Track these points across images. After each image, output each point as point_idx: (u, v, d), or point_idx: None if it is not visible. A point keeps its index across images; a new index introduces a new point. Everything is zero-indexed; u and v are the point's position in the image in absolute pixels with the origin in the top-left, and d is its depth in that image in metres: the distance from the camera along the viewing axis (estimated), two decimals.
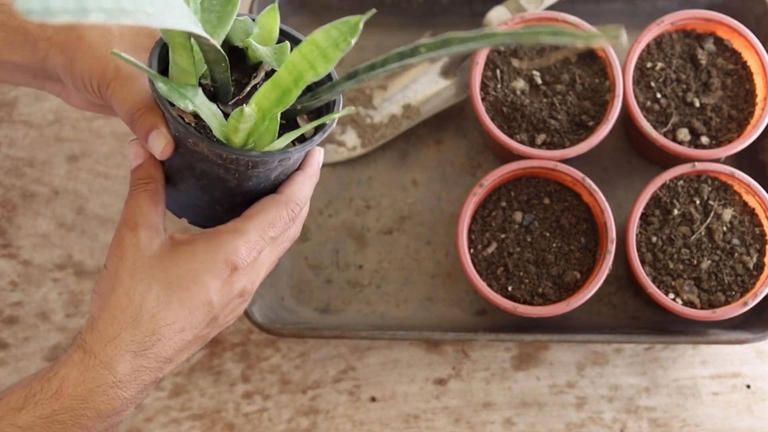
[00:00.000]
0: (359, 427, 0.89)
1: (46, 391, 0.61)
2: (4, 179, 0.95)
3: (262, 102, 0.58)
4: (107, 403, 0.61)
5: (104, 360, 0.61)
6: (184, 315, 0.62)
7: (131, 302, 0.62)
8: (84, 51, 0.67)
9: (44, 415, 0.60)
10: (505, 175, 0.85)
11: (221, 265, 0.63)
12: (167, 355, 0.62)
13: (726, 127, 0.88)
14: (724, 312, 0.83)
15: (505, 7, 0.92)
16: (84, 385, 0.61)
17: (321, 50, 0.60)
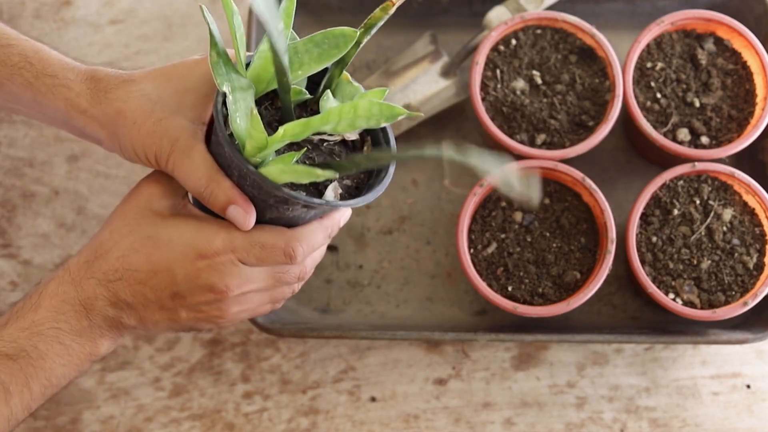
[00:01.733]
0: (359, 427, 0.89)
1: (28, 305, 0.67)
2: (4, 179, 0.95)
3: (288, 130, 0.61)
4: (77, 320, 0.66)
5: (74, 277, 0.67)
6: (146, 269, 0.66)
7: (111, 238, 0.67)
8: (129, 127, 0.68)
9: (24, 326, 0.65)
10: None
11: (191, 246, 0.65)
12: (125, 297, 0.66)
13: (726, 127, 0.88)
14: (724, 312, 0.83)
15: (504, 7, 0.92)
16: (57, 297, 0.66)
17: (355, 115, 0.63)
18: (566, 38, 0.90)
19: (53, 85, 0.70)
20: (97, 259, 0.67)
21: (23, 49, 0.71)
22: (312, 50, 0.66)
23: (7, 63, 0.71)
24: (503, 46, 0.89)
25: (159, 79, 0.69)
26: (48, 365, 0.65)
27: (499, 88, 0.88)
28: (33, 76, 0.70)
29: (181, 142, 0.67)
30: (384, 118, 0.63)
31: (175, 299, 0.67)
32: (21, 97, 0.72)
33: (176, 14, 1.00)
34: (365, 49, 0.97)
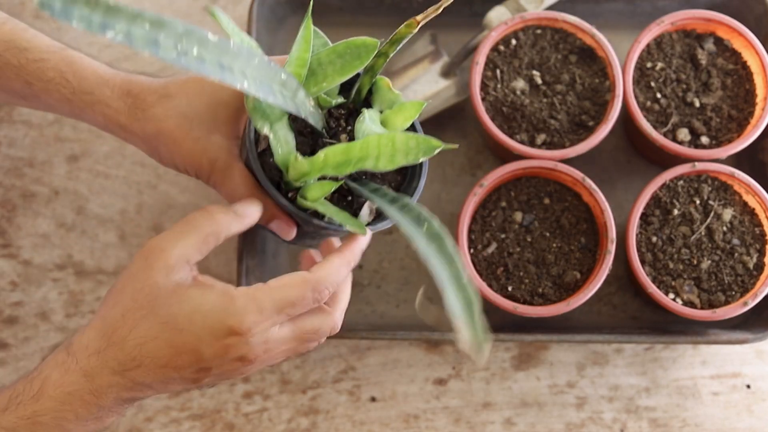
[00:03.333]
0: (359, 427, 0.89)
1: (28, 392, 0.62)
2: (4, 179, 0.95)
3: (329, 157, 0.62)
4: (85, 408, 0.62)
5: (85, 368, 0.62)
6: (168, 353, 0.62)
7: (124, 324, 0.62)
8: (169, 146, 0.70)
9: (26, 415, 0.62)
10: (505, 175, 0.85)
11: (222, 324, 0.62)
12: (146, 381, 0.62)
13: (726, 127, 0.88)
14: (724, 312, 0.83)
15: (504, 7, 0.92)
16: (63, 388, 0.62)
17: (393, 149, 0.63)
18: (566, 38, 0.90)
19: (91, 102, 0.71)
20: (109, 347, 0.62)
21: (56, 63, 0.72)
22: (335, 61, 0.67)
23: (42, 78, 0.72)
24: (503, 46, 0.89)
25: (192, 93, 0.70)
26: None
27: (499, 88, 0.88)
28: (70, 92, 0.71)
29: (220, 162, 0.68)
30: (422, 153, 0.63)
31: (200, 372, 0.63)
32: (59, 109, 0.74)
33: (176, 14, 1.00)
34: None
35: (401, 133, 0.64)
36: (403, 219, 0.61)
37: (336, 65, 0.67)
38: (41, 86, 0.72)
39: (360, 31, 0.98)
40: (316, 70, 0.67)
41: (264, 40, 0.93)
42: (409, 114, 0.68)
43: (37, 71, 0.72)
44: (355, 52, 0.67)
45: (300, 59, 0.66)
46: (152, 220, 0.94)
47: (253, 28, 0.91)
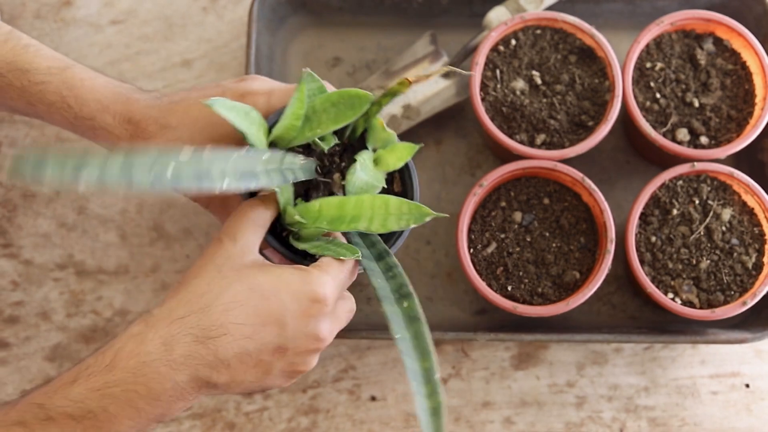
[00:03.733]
0: (359, 426, 0.89)
1: (99, 364, 0.60)
2: (5, 179, 0.95)
3: (324, 210, 0.67)
4: (158, 382, 0.60)
5: (164, 336, 0.61)
6: (254, 322, 0.62)
7: (209, 291, 0.62)
8: None
9: (95, 387, 0.60)
10: (505, 175, 0.86)
11: (304, 292, 0.64)
12: (226, 355, 0.62)
13: (725, 127, 0.88)
14: (723, 311, 0.83)
15: (504, 8, 0.92)
16: (138, 358, 0.60)
17: (387, 213, 0.67)
18: (566, 38, 0.90)
19: (93, 127, 0.72)
20: (193, 313, 0.62)
21: (57, 86, 0.72)
22: (329, 110, 0.69)
23: (44, 101, 0.72)
24: (503, 47, 0.90)
25: (193, 126, 0.71)
26: (114, 427, 0.60)
27: (499, 88, 0.88)
28: (72, 117, 0.72)
29: (218, 196, 0.70)
30: (413, 219, 0.67)
31: (275, 353, 0.64)
32: (63, 129, 0.75)
33: (176, 14, 1.00)
34: (365, 49, 0.98)
35: (394, 197, 0.67)
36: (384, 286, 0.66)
37: (330, 114, 0.69)
38: (44, 109, 0.73)
39: (360, 31, 0.99)
40: (311, 117, 0.69)
41: (264, 40, 0.93)
42: (401, 155, 0.71)
43: (38, 94, 0.72)
44: (349, 102, 0.69)
45: (295, 114, 0.68)
46: (153, 219, 0.94)
47: (254, 28, 0.91)
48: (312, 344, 0.65)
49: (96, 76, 0.74)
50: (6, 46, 0.73)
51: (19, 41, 0.74)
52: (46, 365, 0.90)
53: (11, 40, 0.73)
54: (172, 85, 0.97)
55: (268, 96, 0.72)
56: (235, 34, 0.99)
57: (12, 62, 0.72)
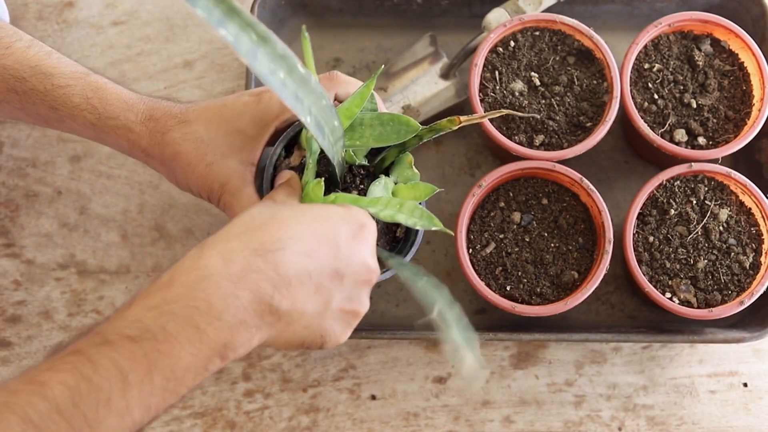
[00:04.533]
0: (359, 425, 0.89)
1: (157, 284, 0.58)
2: (8, 179, 0.95)
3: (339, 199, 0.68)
4: (220, 297, 0.57)
5: (222, 250, 0.58)
6: (310, 239, 0.61)
7: (261, 214, 0.61)
8: (184, 168, 0.73)
9: (153, 305, 0.56)
10: (504, 175, 0.86)
11: (353, 218, 0.64)
12: (286, 271, 0.59)
13: (723, 127, 0.89)
14: (721, 311, 0.83)
15: (503, 9, 0.92)
16: (196, 272, 0.57)
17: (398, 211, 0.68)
18: (564, 40, 0.90)
19: (116, 126, 0.74)
20: (250, 231, 0.60)
21: (82, 88, 0.74)
22: (375, 127, 0.71)
23: (67, 104, 0.74)
24: (502, 48, 0.90)
25: (210, 120, 0.73)
26: (176, 351, 0.55)
27: (498, 89, 0.89)
28: (95, 117, 0.74)
29: (230, 186, 0.72)
30: (421, 223, 0.68)
31: (334, 279, 0.62)
32: (82, 133, 0.76)
33: (178, 15, 1.00)
34: (365, 50, 0.98)
35: (411, 201, 0.68)
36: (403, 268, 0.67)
37: (375, 131, 0.71)
38: (66, 112, 0.74)
39: (360, 33, 0.99)
40: (357, 128, 0.71)
41: None
42: (420, 194, 0.72)
43: (63, 97, 0.73)
44: (396, 127, 0.70)
45: (349, 111, 0.70)
46: (154, 219, 0.94)
47: None
48: (365, 273, 0.64)
49: (118, 84, 0.76)
50: (29, 51, 0.74)
51: (41, 48, 0.75)
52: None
53: (34, 47, 0.75)
54: (174, 85, 0.98)
55: None
56: None
57: (35, 66, 0.74)
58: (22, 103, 0.75)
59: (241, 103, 0.74)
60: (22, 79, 0.74)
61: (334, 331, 0.65)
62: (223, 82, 0.98)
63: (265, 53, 0.54)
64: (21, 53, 0.74)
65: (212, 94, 0.97)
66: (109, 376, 0.54)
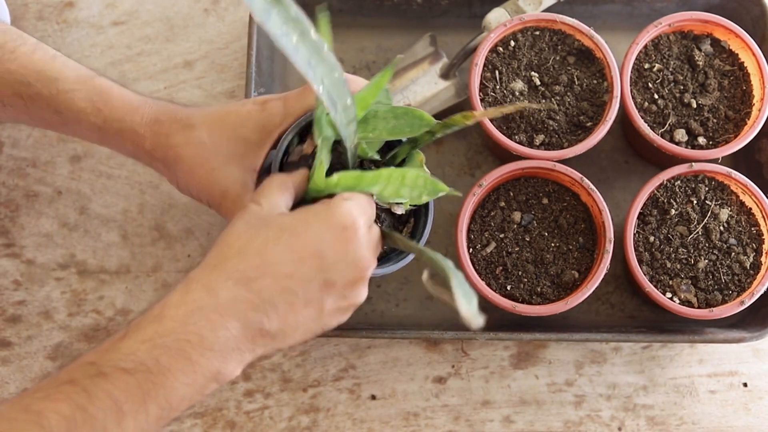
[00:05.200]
0: (359, 425, 0.89)
1: (148, 317, 0.59)
2: (8, 179, 0.95)
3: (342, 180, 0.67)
4: (210, 329, 0.59)
5: (206, 283, 0.60)
6: (291, 259, 0.61)
7: (239, 239, 0.62)
8: (186, 172, 0.73)
9: (145, 338, 0.58)
10: (504, 175, 0.86)
11: (334, 222, 0.63)
12: (271, 296, 0.60)
13: (723, 127, 0.89)
14: (721, 311, 0.83)
15: (503, 9, 0.92)
16: (185, 306, 0.59)
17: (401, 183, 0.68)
18: (564, 39, 0.90)
19: (121, 129, 0.74)
20: (229, 259, 0.61)
21: (87, 92, 0.73)
22: (389, 119, 0.70)
23: (72, 108, 0.74)
24: (502, 48, 0.90)
25: (214, 126, 0.72)
26: (169, 382, 0.58)
27: (498, 89, 0.89)
28: (101, 121, 0.74)
29: (231, 193, 0.72)
30: (426, 192, 0.68)
31: (324, 289, 0.63)
32: (87, 137, 0.76)
33: (178, 16, 1.00)
34: (365, 50, 0.98)
35: (413, 170, 0.68)
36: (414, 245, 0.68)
37: (388, 124, 0.70)
38: (72, 116, 0.74)
39: (359, 33, 0.99)
40: (370, 120, 0.70)
41: (265, 41, 0.93)
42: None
43: (68, 101, 0.73)
44: (410, 120, 0.70)
45: (363, 101, 0.69)
46: (154, 219, 0.94)
47: (255, 29, 0.91)
48: (357, 272, 0.64)
49: (123, 86, 0.75)
50: (34, 55, 0.74)
51: (46, 52, 0.75)
52: (48, 364, 0.90)
53: (38, 50, 0.75)
54: (174, 86, 0.98)
55: (283, 100, 0.73)
56: (236, 35, 0.99)
57: (41, 71, 0.73)
58: (28, 108, 0.75)
59: (245, 110, 0.73)
60: (27, 84, 0.73)
61: (333, 323, 0.66)
62: (223, 82, 0.98)
63: (278, 14, 0.54)
64: (26, 57, 0.74)
65: (212, 94, 0.97)
66: (104, 406, 0.55)
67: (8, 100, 0.75)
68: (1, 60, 0.73)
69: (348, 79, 0.73)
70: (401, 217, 0.75)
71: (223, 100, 0.97)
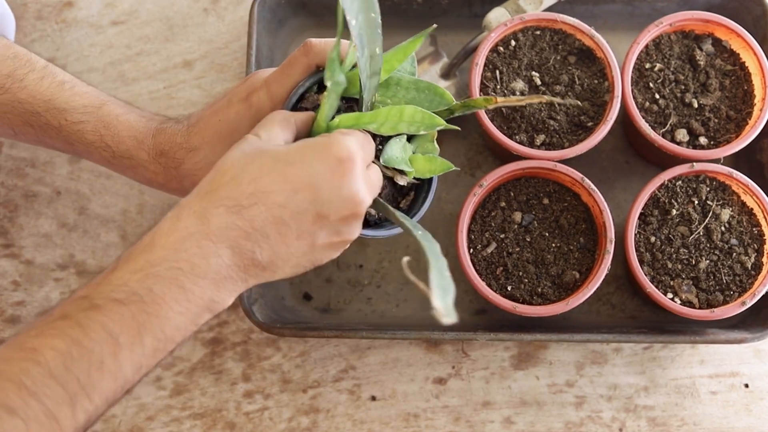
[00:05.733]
0: (359, 425, 0.89)
1: (138, 247, 0.59)
2: (6, 179, 0.95)
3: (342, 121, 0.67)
4: (201, 257, 0.58)
5: (197, 210, 0.59)
6: (284, 188, 0.61)
7: (233, 167, 0.61)
8: None
9: (137, 268, 0.58)
10: (505, 175, 0.86)
11: (329, 154, 0.62)
12: (263, 225, 0.60)
13: (724, 127, 0.89)
14: (722, 311, 0.83)
15: (504, 9, 0.92)
16: (176, 233, 0.59)
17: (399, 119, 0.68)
18: (565, 39, 0.90)
19: (131, 165, 0.74)
20: (222, 186, 0.60)
21: (95, 125, 0.74)
22: (411, 90, 0.70)
23: (82, 141, 0.74)
24: (502, 47, 0.90)
25: (213, 142, 0.72)
26: (163, 312, 0.57)
27: (499, 89, 0.89)
28: (110, 155, 0.74)
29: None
30: (424, 126, 0.68)
31: (317, 222, 0.62)
32: (102, 166, 0.77)
33: (177, 15, 1.00)
34: None
35: (411, 106, 0.67)
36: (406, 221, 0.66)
37: (409, 94, 0.70)
38: (82, 148, 0.75)
39: None
40: (392, 86, 0.70)
41: (265, 41, 0.93)
42: (435, 168, 0.72)
43: (77, 134, 0.74)
44: (431, 96, 0.70)
45: (388, 62, 0.69)
46: (153, 220, 0.94)
47: (254, 29, 0.91)
48: (352, 207, 0.63)
49: (128, 111, 0.75)
50: (43, 83, 0.74)
51: (54, 78, 0.75)
52: None
53: (47, 77, 0.74)
54: (173, 85, 0.98)
55: (266, 87, 0.72)
56: (235, 34, 0.99)
57: (49, 101, 0.73)
58: (38, 136, 0.76)
59: (233, 113, 0.73)
60: (36, 114, 0.74)
61: (323, 258, 0.66)
62: (223, 81, 0.98)
63: None
64: (35, 86, 0.73)
65: (212, 94, 0.97)
66: (99, 339, 0.55)
67: (19, 129, 0.75)
68: (10, 89, 0.73)
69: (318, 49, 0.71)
70: (402, 189, 0.74)
71: None
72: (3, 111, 0.74)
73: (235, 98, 0.73)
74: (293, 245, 0.62)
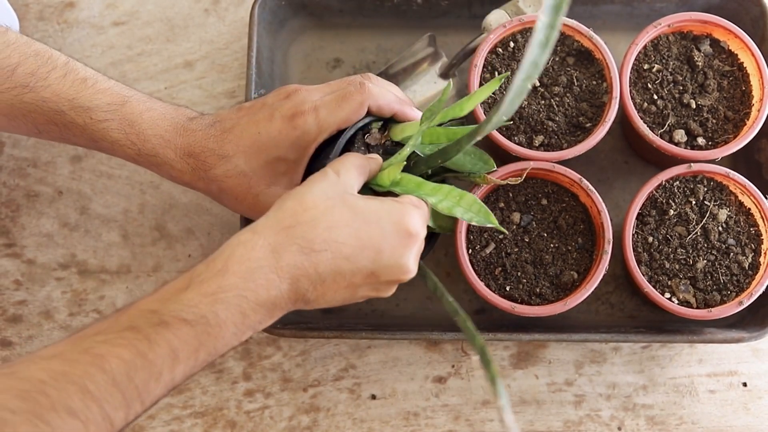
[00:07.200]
0: (359, 424, 0.89)
1: (211, 269, 0.62)
2: (8, 179, 0.95)
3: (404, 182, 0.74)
4: (266, 288, 0.62)
5: (273, 243, 0.63)
6: (354, 244, 0.65)
7: (315, 207, 0.65)
8: (232, 200, 0.77)
9: (209, 292, 0.61)
10: (504, 176, 0.86)
11: (404, 226, 0.67)
12: (324, 270, 0.64)
13: (722, 128, 0.89)
14: (720, 311, 0.83)
15: (503, 10, 0.92)
16: (249, 263, 0.62)
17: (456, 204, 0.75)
18: (564, 40, 0.90)
19: (157, 163, 0.76)
20: (300, 224, 0.64)
21: (119, 123, 0.74)
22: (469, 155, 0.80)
23: (107, 139, 0.75)
24: (501, 49, 0.90)
25: (249, 152, 0.74)
26: (222, 333, 0.61)
27: (497, 90, 0.89)
28: (135, 153, 0.75)
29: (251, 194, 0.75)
30: (477, 219, 0.74)
31: (368, 278, 0.67)
32: (129, 162, 0.78)
33: (178, 16, 1.00)
34: (365, 51, 0.98)
35: (470, 195, 0.74)
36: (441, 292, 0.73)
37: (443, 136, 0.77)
38: (107, 145, 0.76)
39: (360, 33, 0.99)
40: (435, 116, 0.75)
41: (265, 42, 0.93)
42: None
43: (102, 131, 0.75)
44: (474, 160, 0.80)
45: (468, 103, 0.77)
46: (155, 219, 0.94)
47: (255, 29, 0.91)
48: (400, 275, 0.69)
49: (153, 107, 0.76)
50: (66, 81, 0.74)
51: (77, 75, 0.75)
52: None
53: (69, 74, 0.75)
54: (174, 86, 0.98)
55: (315, 113, 0.74)
56: (236, 35, 1.00)
57: (73, 99, 0.74)
58: (62, 134, 0.76)
59: (275, 130, 0.74)
60: (60, 112, 0.74)
61: (351, 302, 0.70)
62: (224, 82, 0.98)
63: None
64: (58, 84, 0.74)
65: (212, 95, 0.98)
66: (163, 353, 0.59)
67: (43, 127, 0.76)
68: (35, 88, 0.73)
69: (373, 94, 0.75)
70: None
71: (224, 100, 0.98)
72: (28, 110, 0.74)
73: (278, 114, 0.75)
74: (340, 292, 0.67)
